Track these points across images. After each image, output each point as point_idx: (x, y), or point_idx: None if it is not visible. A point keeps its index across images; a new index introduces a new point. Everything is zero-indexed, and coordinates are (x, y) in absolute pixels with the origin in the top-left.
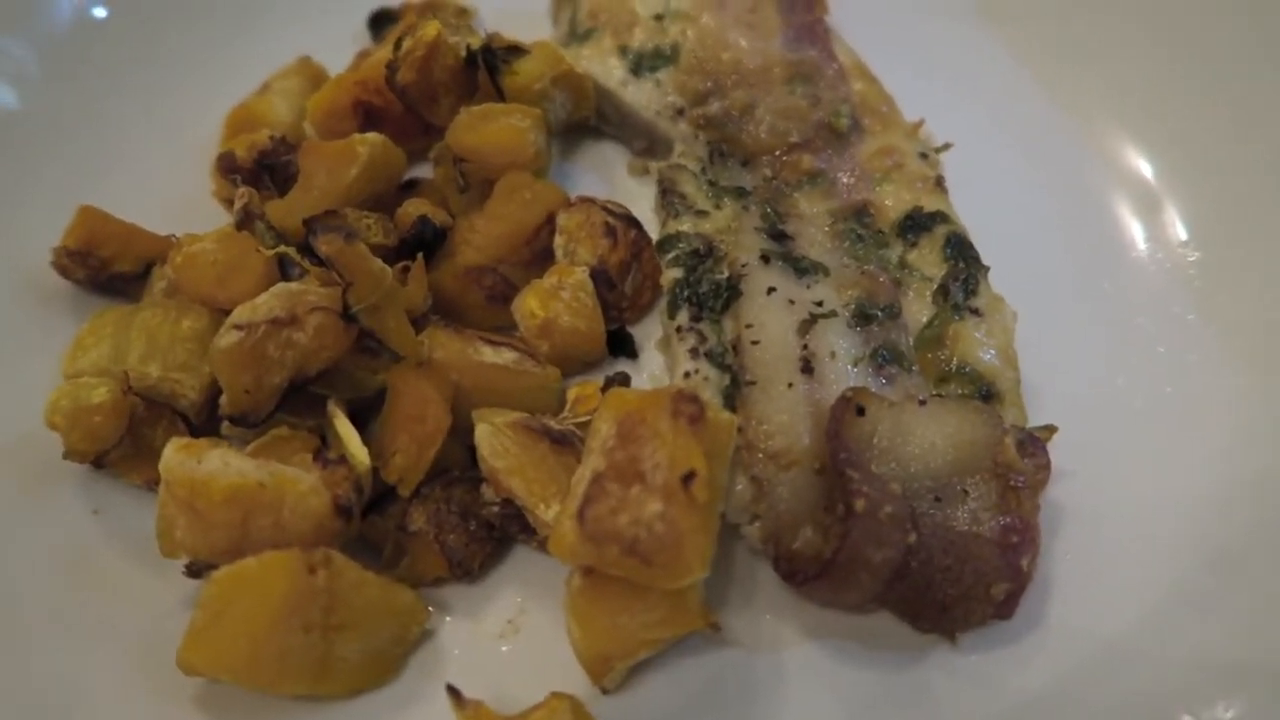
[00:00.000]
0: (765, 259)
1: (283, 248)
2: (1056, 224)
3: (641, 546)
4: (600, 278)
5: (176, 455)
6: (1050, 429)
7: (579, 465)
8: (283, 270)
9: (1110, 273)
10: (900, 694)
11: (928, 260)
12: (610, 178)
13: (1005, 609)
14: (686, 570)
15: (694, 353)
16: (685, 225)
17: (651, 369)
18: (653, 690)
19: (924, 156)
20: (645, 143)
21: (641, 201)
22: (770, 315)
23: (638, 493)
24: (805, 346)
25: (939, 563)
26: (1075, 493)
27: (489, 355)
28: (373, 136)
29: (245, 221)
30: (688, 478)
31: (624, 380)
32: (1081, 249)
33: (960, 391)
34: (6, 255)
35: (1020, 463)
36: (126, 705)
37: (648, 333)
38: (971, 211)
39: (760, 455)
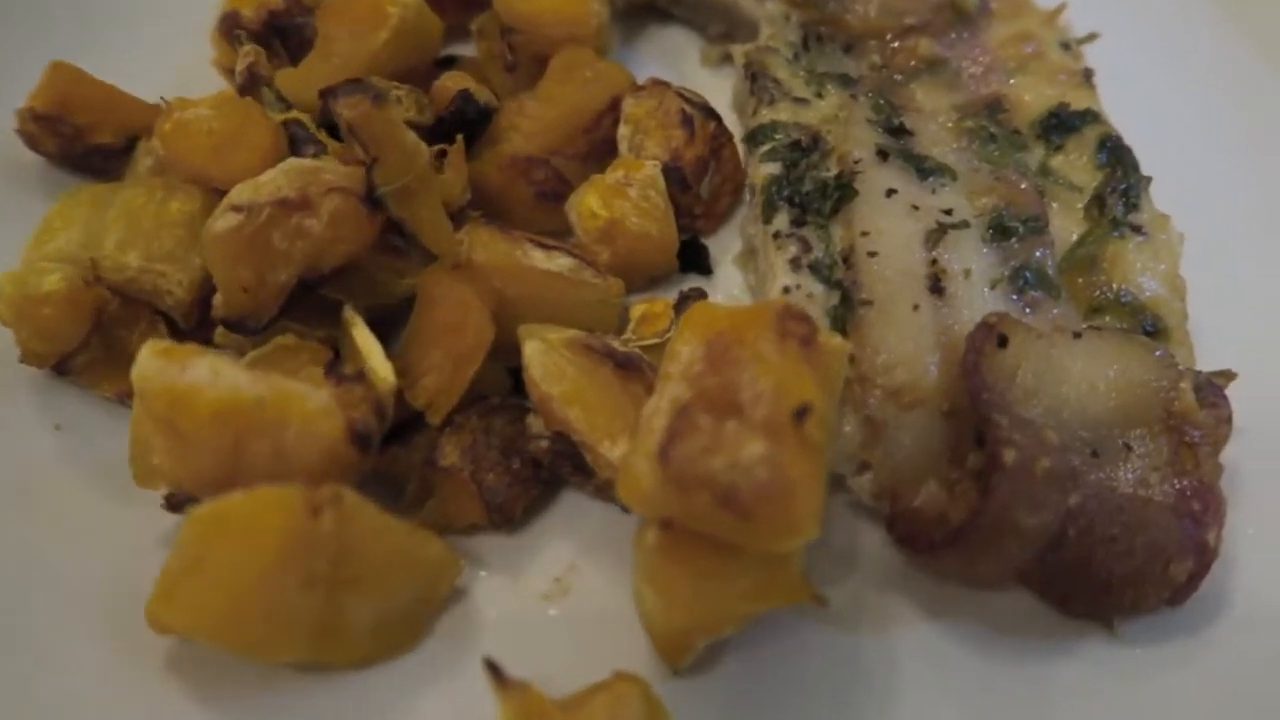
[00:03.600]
0: (883, 155)
1: (294, 112)
2: (1220, 136)
3: (741, 496)
4: (673, 176)
5: (154, 361)
6: (1228, 374)
7: (649, 396)
8: (293, 144)
9: None
10: (1041, 692)
11: (1076, 167)
12: (680, 68)
13: (1182, 593)
14: (795, 528)
15: (795, 264)
16: (783, 114)
17: (729, 289)
18: (730, 675)
19: (1066, 47)
20: (723, 27)
21: (717, 97)
22: (891, 222)
23: (735, 429)
24: (934, 262)
25: (1103, 532)
26: (1254, 454)
27: (540, 260)
28: None
29: (249, 86)
30: (800, 413)
31: (700, 297)
32: (1250, 165)
33: (1119, 324)
34: None
35: (1199, 414)
36: (82, 662)
37: (724, 246)
38: (1119, 116)
39: (877, 391)
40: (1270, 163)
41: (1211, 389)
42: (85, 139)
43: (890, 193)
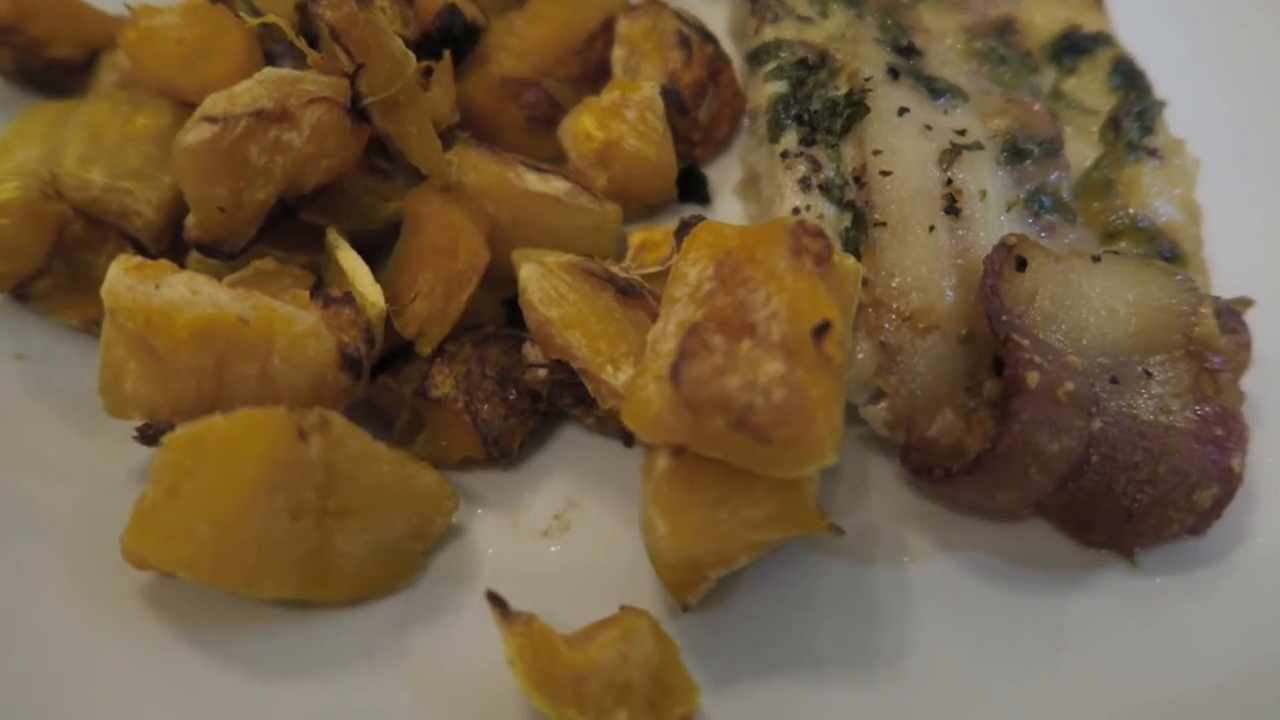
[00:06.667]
0: (893, 74)
1: (270, 16)
2: (1231, 60)
3: (758, 417)
4: (670, 99)
5: (125, 277)
6: (1245, 301)
7: (653, 323)
8: (269, 56)
9: None
10: (1058, 624)
11: (1089, 90)
12: None
13: (1205, 520)
14: (815, 452)
15: (805, 184)
16: (787, 32)
17: (728, 218)
18: (741, 609)
19: None
20: None
21: (712, 24)
22: (904, 141)
23: (750, 349)
24: (949, 182)
25: (1125, 459)
26: (1271, 383)
27: (534, 183)
28: None
29: None
30: (819, 331)
31: None
32: (1262, 90)
33: (1135, 249)
34: None
35: (1220, 340)
36: (54, 602)
37: (723, 175)
38: (1130, 38)
39: (892, 316)
40: None
41: (1231, 315)
42: (43, 52)
43: (902, 111)
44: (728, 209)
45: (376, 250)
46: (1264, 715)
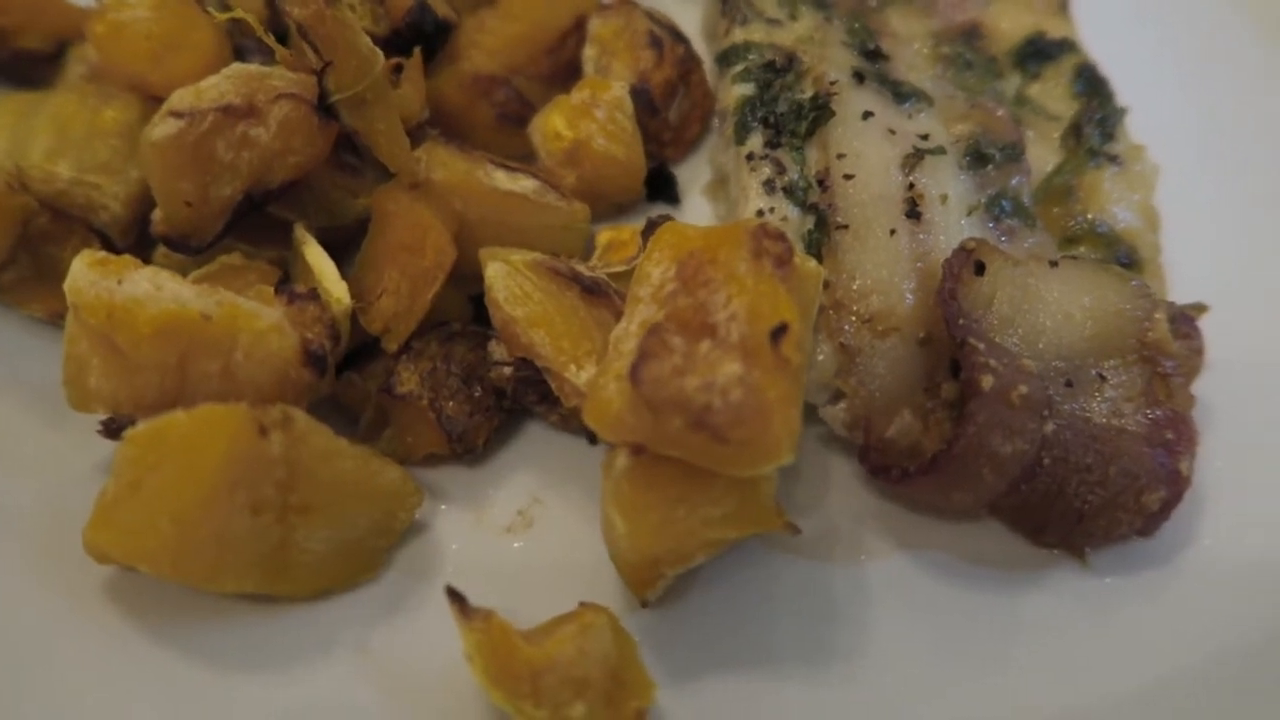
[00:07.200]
0: (859, 77)
1: (239, 12)
2: (1198, 69)
3: (715, 418)
4: (640, 99)
5: (89, 272)
6: (1200, 307)
7: (618, 322)
8: (238, 51)
9: (1263, 129)
10: (1012, 622)
11: (1052, 96)
12: None
13: (1154, 522)
14: (772, 451)
15: (769, 186)
16: (756, 35)
17: (697, 219)
18: (698, 607)
19: None
20: None
21: (684, 24)
22: (868, 145)
23: (709, 350)
24: (911, 186)
25: (1077, 461)
26: (1222, 388)
27: (502, 181)
28: None
29: None
30: (777, 333)
31: None
32: (1224, 99)
33: (1094, 255)
34: None
35: (1173, 345)
36: (14, 594)
37: (692, 175)
38: (1095, 45)
39: (852, 318)
40: (1244, 97)
41: (1185, 320)
42: (10, 42)
43: (867, 115)
44: (697, 209)
45: (344, 247)
46: (1209, 712)
